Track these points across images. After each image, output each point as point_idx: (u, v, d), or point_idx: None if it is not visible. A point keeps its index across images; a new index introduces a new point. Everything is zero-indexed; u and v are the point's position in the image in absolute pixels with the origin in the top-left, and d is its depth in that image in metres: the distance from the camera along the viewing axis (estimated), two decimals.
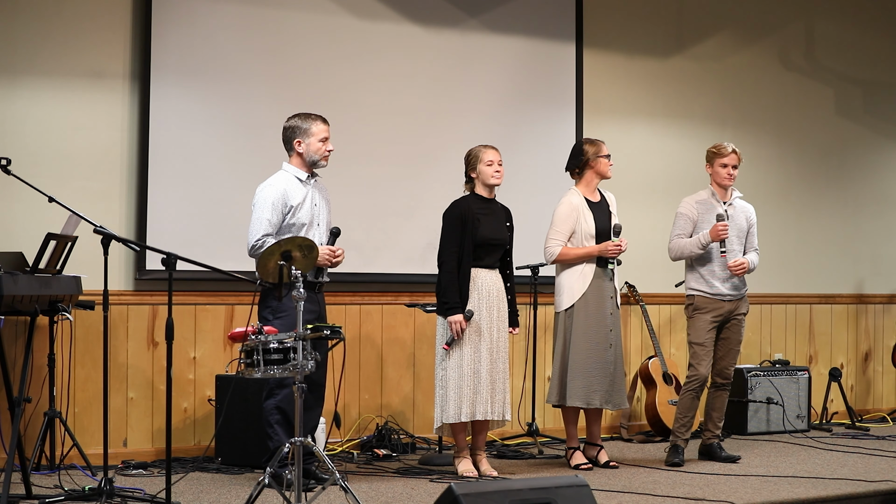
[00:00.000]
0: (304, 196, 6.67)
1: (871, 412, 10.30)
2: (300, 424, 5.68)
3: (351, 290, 8.05)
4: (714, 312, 7.63)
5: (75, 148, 7.46)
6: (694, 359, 7.65)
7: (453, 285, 6.95)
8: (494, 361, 7.04)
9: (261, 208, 6.59)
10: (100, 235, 5.92)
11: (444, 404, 6.98)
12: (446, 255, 7.03)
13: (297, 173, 6.71)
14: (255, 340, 5.67)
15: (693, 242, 7.60)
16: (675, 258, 7.77)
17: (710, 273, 7.64)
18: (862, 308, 10.41)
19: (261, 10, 7.97)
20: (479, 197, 7.13)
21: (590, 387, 7.32)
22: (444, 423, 7.02)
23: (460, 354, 6.96)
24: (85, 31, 7.50)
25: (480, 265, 7.05)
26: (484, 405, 6.97)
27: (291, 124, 6.74)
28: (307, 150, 6.69)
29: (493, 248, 7.10)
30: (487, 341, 7.01)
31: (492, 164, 7.10)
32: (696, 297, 7.68)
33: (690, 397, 7.66)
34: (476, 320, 6.99)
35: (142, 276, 7.56)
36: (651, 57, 9.49)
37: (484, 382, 6.97)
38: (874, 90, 10.57)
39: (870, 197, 10.50)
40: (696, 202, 7.71)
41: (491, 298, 7.05)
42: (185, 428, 7.70)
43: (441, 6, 8.57)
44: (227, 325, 7.79)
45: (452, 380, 6.95)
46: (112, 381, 7.25)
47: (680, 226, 7.71)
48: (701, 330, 7.64)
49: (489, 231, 7.05)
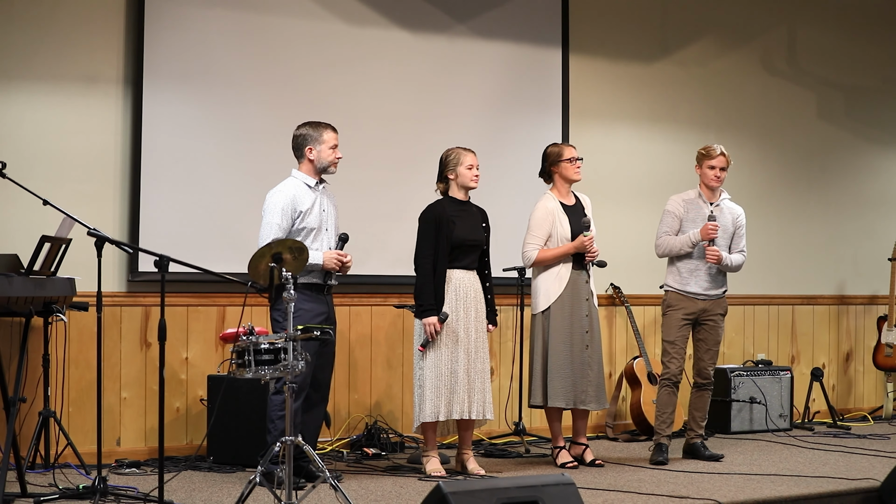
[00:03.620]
0: (312, 202, 6.74)
1: (853, 411, 10.35)
2: (291, 423, 5.71)
3: (341, 292, 8.03)
4: (686, 310, 7.66)
5: (69, 151, 7.48)
6: (664, 356, 7.71)
7: (428, 287, 6.98)
8: (473, 361, 7.05)
9: (271, 213, 6.64)
10: (93, 238, 5.94)
11: (422, 404, 6.99)
12: (421, 258, 7.05)
13: (305, 180, 6.78)
14: (247, 341, 5.70)
15: (683, 241, 7.63)
16: (661, 255, 7.78)
17: (686, 270, 7.67)
18: (843, 309, 10.46)
19: (252, 16, 7.99)
20: (453, 199, 7.15)
21: (569, 387, 7.35)
22: (422, 422, 7.03)
23: (437, 355, 6.98)
24: (79, 36, 7.52)
25: (458, 266, 7.07)
26: (461, 404, 6.98)
27: (303, 132, 6.81)
28: (318, 158, 6.77)
29: (470, 248, 7.12)
30: (465, 342, 7.03)
31: (472, 168, 7.12)
32: (669, 294, 7.73)
33: (666, 393, 7.70)
34: (453, 321, 7.00)
35: (135, 277, 7.58)
36: (636, 62, 9.54)
37: (461, 382, 6.98)
38: (855, 94, 10.63)
39: (851, 199, 10.55)
40: (684, 200, 7.74)
41: (469, 299, 7.07)
42: (178, 427, 7.72)
43: (429, 12, 8.61)
44: (218, 326, 7.81)
45: (429, 379, 6.97)
46: (105, 381, 7.27)
47: (667, 223, 7.73)
48: (672, 328, 7.68)
49: (465, 232, 7.07)
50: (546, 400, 7.39)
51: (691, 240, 7.61)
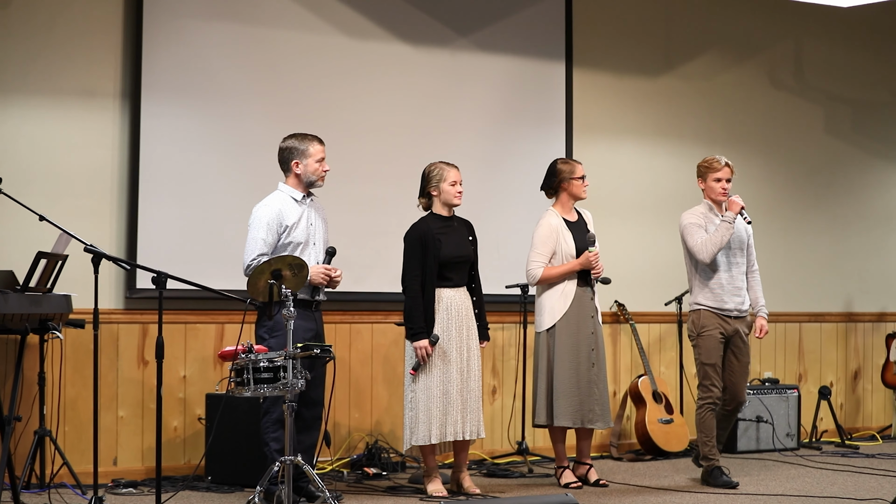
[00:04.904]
0: (299, 216, 6.67)
1: (861, 430, 10.33)
2: (291, 443, 5.69)
3: (341, 309, 8.06)
4: (720, 329, 7.47)
5: (66, 166, 7.48)
6: (706, 380, 7.47)
7: (418, 310, 6.94)
8: (466, 381, 7.01)
9: (256, 228, 6.59)
10: (90, 254, 5.94)
11: (414, 426, 6.96)
12: (409, 279, 7.01)
13: (292, 193, 6.71)
14: (245, 359, 5.69)
15: (722, 227, 7.36)
16: (711, 254, 7.36)
17: (718, 286, 7.47)
18: (851, 326, 10.44)
19: (252, 29, 8.00)
20: (437, 216, 7.11)
21: (575, 406, 7.33)
22: (413, 444, 6.99)
23: (429, 377, 6.95)
24: (76, 49, 7.53)
25: (447, 285, 7.04)
26: (454, 426, 6.95)
27: (288, 145, 6.74)
28: (305, 171, 6.70)
29: (459, 265, 7.09)
30: (456, 361, 6.99)
31: (455, 185, 7.08)
32: (703, 313, 7.49)
33: (711, 417, 7.48)
34: (444, 341, 6.97)
35: (132, 294, 7.57)
36: (640, 76, 9.54)
37: (454, 403, 6.95)
38: (863, 109, 10.62)
39: (858, 215, 10.54)
40: (700, 213, 7.54)
41: (460, 318, 7.04)
42: (176, 446, 7.70)
43: (431, 25, 8.61)
44: (217, 344, 7.80)
45: (422, 402, 6.93)
46: (102, 400, 7.25)
47: (698, 232, 7.44)
48: (712, 350, 7.46)
49: (452, 249, 7.04)
50: (551, 419, 7.36)
51: (728, 221, 7.35)
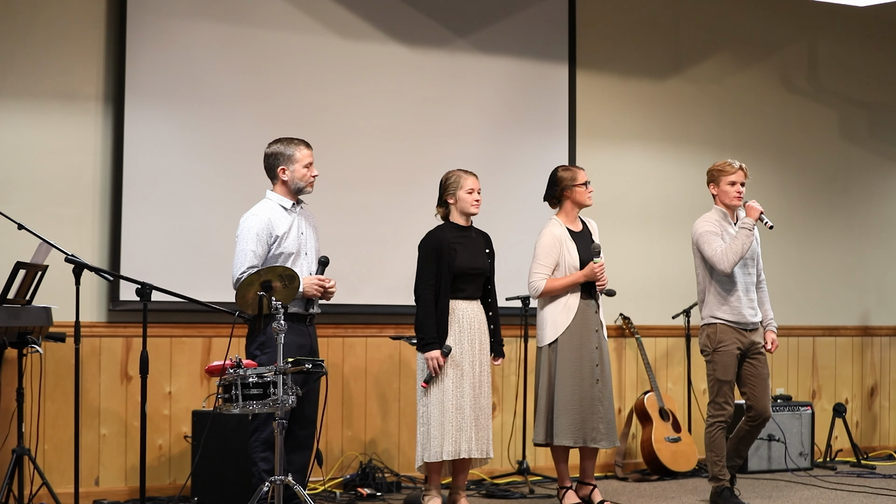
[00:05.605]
0: (289, 225, 6.60)
1: (878, 449, 10.35)
2: (280, 462, 5.72)
3: (334, 322, 8.08)
4: (737, 344, 7.50)
5: (46, 173, 7.50)
6: (720, 397, 7.49)
7: (430, 320, 6.98)
8: (477, 397, 7.06)
9: (244, 240, 6.50)
10: (71, 264, 5.97)
11: (426, 442, 6.99)
12: (422, 288, 7.05)
13: (281, 201, 6.63)
14: (234, 374, 5.71)
15: (742, 234, 7.38)
16: (733, 264, 7.38)
17: (737, 299, 7.50)
18: (867, 341, 10.47)
19: (241, 30, 8.03)
20: (454, 225, 7.17)
21: (578, 424, 7.32)
22: (425, 461, 7.03)
23: (442, 390, 6.99)
24: (56, 51, 7.56)
25: (461, 297, 7.09)
26: (468, 442, 6.98)
27: (273, 151, 6.66)
28: (292, 178, 6.61)
29: (473, 277, 7.14)
30: (469, 376, 7.04)
31: (472, 192, 7.14)
32: (720, 327, 7.51)
33: (721, 436, 7.51)
34: (457, 354, 7.01)
35: (115, 306, 7.60)
36: (647, 79, 9.58)
37: (468, 418, 6.99)
38: (880, 113, 10.66)
39: (875, 224, 10.57)
40: (714, 220, 7.57)
41: (473, 331, 7.08)
42: (160, 466, 7.73)
43: (428, 26, 8.65)
44: (204, 359, 7.82)
45: (435, 416, 6.97)
46: (84, 417, 7.28)
47: (714, 240, 7.46)
48: (729, 365, 7.49)
49: (467, 260, 7.09)
50: (551, 438, 7.38)
51: (748, 227, 7.38)
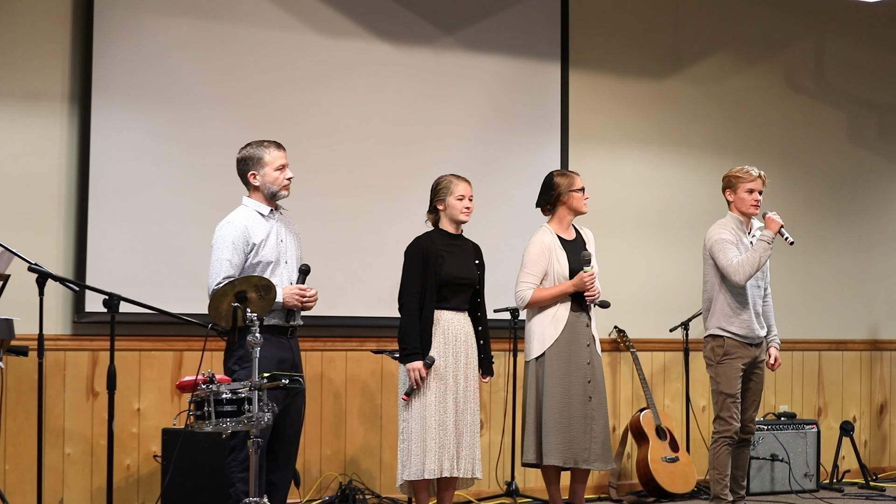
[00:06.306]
0: (267, 232, 6.56)
1: (888, 470, 10.37)
2: (256, 482, 5.71)
3: (312, 335, 8.07)
4: (743, 359, 7.60)
5: (8, 177, 7.50)
6: (725, 411, 7.59)
7: (413, 329, 6.98)
8: (462, 413, 7.04)
9: (220, 249, 6.46)
10: (35, 273, 5.97)
11: (407, 459, 6.98)
12: (406, 296, 7.05)
13: (258, 208, 6.60)
14: (206, 390, 5.71)
15: (760, 247, 7.52)
16: (748, 277, 7.51)
17: (747, 313, 7.60)
18: (877, 355, 10.49)
19: (215, 27, 8.03)
20: (443, 232, 7.18)
21: (567, 443, 7.30)
22: (405, 479, 7.02)
23: (423, 404, 6.97)
24: (19, 47, 7.55)
25: (447, 307, 7.08)
26: (451, 461, 6.96)
27: (243, 155, 6.62)
28: (264, 182, 6.58)
29: (460, 287, 7.13)
30: (454, 390, 7.02)
31: (462, 199, 7.14)
32: (728, 341, 7.62)
33: (726, 453, 7.58)
34: (441, 367, 7.00)
35: (81, 318, 7.58)
36: (644, 78, 9.59)
37: (450, 435, 6.97)
38: (890, 114, 10.68)
39: (885, 231, 10.59)
40: (731, 227, 7.66)
41: (458, 343, 7.08)
42: (128, 487, 7.71)
43: (413, 22, 8.65)
44: (174, 374, 7.81)
45: (416, 432, 6.95)
46: (47, 436, 7.27)
47: (730, 249, 7.56)
48: (734, 379, 7.59)
49: (455, 269, 7.09)
50: (541, 457, 7.37)
51: (767, 241, 7.52)
